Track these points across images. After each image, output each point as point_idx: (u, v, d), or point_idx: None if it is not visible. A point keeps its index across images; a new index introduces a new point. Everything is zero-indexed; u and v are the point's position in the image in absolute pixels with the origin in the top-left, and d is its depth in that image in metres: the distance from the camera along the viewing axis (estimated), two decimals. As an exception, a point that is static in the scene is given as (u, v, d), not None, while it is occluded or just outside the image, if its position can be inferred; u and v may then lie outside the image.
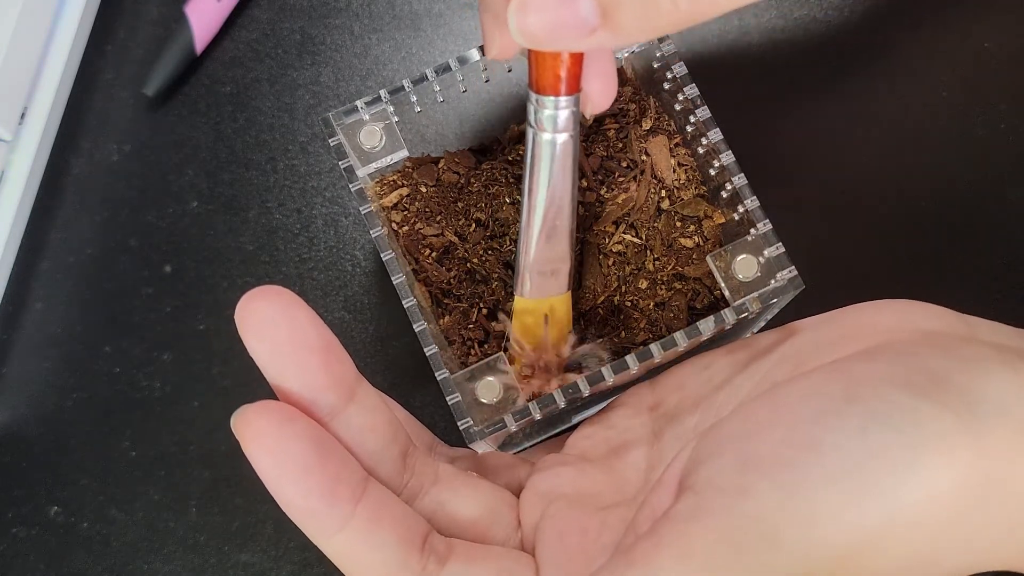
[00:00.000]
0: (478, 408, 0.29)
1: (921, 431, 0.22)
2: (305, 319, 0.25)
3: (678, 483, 0.25)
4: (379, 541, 0.25)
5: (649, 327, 0.31)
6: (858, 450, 0.22)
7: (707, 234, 0.32)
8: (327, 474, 0.24)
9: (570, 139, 0.29)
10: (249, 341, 0.25)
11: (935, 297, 0.39)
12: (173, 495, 0.38)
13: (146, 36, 0.43)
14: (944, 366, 0.23)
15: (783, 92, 0.41)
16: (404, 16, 0.43)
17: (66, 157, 0.41)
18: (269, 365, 0.25)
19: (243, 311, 0.24)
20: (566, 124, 0.28)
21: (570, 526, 0.28)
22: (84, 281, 0.40)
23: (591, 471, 0.30)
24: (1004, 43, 0.41)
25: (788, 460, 0.23)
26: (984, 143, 0.40)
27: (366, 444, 0.26)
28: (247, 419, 0.24)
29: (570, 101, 0.28)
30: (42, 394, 0.39)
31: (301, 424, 0.24)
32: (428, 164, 0.34)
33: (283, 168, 0.41)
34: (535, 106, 0.28)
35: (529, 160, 0.29)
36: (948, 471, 0.22)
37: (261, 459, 0.24)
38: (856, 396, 0.23)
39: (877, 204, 0.40)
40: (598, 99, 0.30)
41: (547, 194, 0.29)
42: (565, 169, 0.29)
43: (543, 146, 0.29)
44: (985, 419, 0.22)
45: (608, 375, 0.29)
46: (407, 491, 0.28)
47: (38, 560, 0.38)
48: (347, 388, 0.26)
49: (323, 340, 0.25)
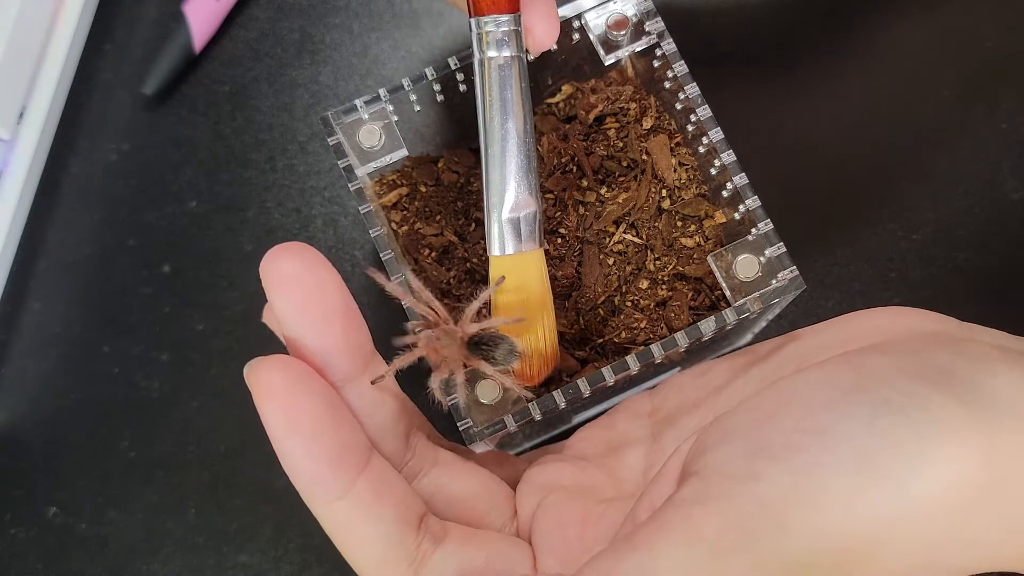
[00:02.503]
0: (478, 408, 0.29)
1: (933, 421, 0.22)
2: (331, 281, 0.25)
3: (680, 472, 0.25)
4: (377, 515, 0.25)
5: (650, 327, 0.31)
6: (869, 438, 0.22)
7: (708, 234, 0.32)
8: (336, 439, 0.24)
9: (518, 59, 0.29)
10: (272, 296, 0.24)
11: (936, 296, 0.39)
12: (172, 496, 0.38)
13: (145, 35, 0.42)
14: (951, 361, 0.23)
15: (784, 92, 0.41)
16: (403, 15, 0.42)
17: (64, 156, 0.41)
18: (291, 321, 0.24)
19: (269, 265, 0.24)
20: (511, 43, 0.29)
21: (568, 515, 0.28)
22: (82, 281, 0.40)
23: (589, 468, 0.30)
24: (1006, 42, 0.41)
25: (799, 446, 0.22)
26: (986, 142, 0.40)
27: (375, 416, 0.26)
28: (262, 371, 0.24)
29: (511, 20, 0.29)
30: (40, 394, 0.39)
31: (316, 383, 0.24)
32: (427, 163, 0.34)
33: (282, 167, 0.41)
34: (478, 31, 0.29)
35: (480, 90, 0.29)
36: (959, 463, 0.22)
37: (271, 415, 0.23)
38: (867, 385, 0.23)
39: (878, 204, 0.40)
40: (541, 36, 0.30)
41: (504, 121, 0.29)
42: (517, 91, 0.29)
43: (493, 69, 0.29)
44: (994, 413, 0.22)
45: (608, 375, 0.29)
46: (407, 469, 0.27)
47: (36, 561, 0.38)
48: (363, 356, 0.25)
49: (346, 304, 0.25)
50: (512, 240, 0.29)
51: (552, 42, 0.30)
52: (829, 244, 0.39)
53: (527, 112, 0.29)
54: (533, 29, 0.29)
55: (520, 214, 0.29)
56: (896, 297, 0.39)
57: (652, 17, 0.32)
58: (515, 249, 0.29)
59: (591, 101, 0.33)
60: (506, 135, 0.29)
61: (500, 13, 0.28)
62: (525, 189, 0.29)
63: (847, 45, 0.41)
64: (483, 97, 0.29)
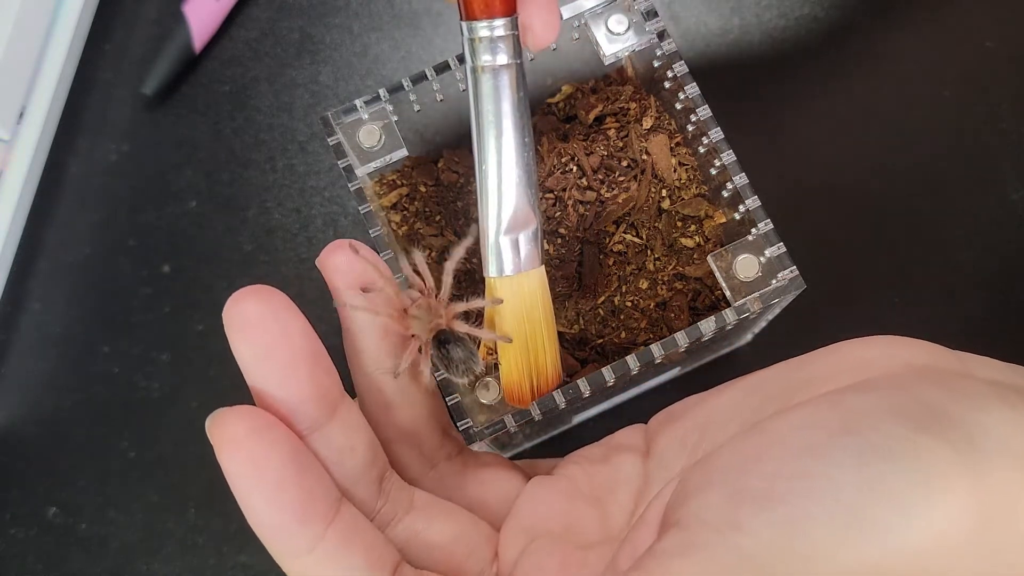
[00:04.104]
0: (478, 408, 0.29)
1: (921, 466, 0.21)
2: (296, 325, 0.24)
3: (660, 520, 0.24)
4: (348, 567, 0.24)
5: (650, 327, 0.31)
6: (855, 484, 0.21)
7: (708, 234, 0.32)
8: (302, 490, 0.23)
9: (514, 67, 0.26)
10: (235, 341, 0.24)
11: (936, 296, 0.39)
12: (171, 496, 0.38)
13: (144, 35, 0.42)
14: (940, 399, 0.22)
15: (784, 91, 0.41)
16: (403, 15, 0.42)
17: (64, 157, 0.41)
18: (253, 369, 0.24)
19: (232, 310, 0.24)
20: (507, 50, 0.26)
21: (550, 562, 0.27)
22: (82, 281, 0.40)
23: (579, 504, 0.29)
24: (1006, 42, 0.41)
25: (782, 494, 0.21)
26: (986, 143, 0.40)
27: (344, 464, 0.25)
28: (223, 422, 0.23)
29: (507, 23, 0.26)
30: (40, 395, 0.39)
31: (279, 433, 0.23)
32: (427, 163, 0.34)
33: (282, 167, 0.41)
34: (470, 36, 0.26)
35: (473, 100, 0.27)
36: (948, 510, 0.21)
37: (233, 466, 0.23)
38: (852, 428, 0.22)
39: (879, 203, 0.40)
40: (541, 32, 0.27)
41: (500, 133, 0.27)
42: (514, 103, 0.27)
43: (486, 78, 0.26)
44: (985, 455, 0.21)
45: (608, 375, 0.28)
46: (380, 517, 0.26)
47: (36, 561, 0.38)
48: (331, 403, 0.25)
49: (312, 349, 0.24)
50: (511, 260, 0.28)
51: (553, 39, 0.28)
52: (829, 244, 0.39)
53: (525, 122, 0.27)
54: (532, 26, 0.27)
55: (519, 233, 0.28)
56: (896, 297, 0.39)
57: (652, 17, 0.32)
58: (514, 270, 0.28)
59: (591, 101, 0.33)
60: (501, 149, 0.27)
61: (493, 17, 0.26)
62: (525, 204, 0.28)
63: (848, 45, 0.41)
64: (476, 108, 0.27)
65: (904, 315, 0.39)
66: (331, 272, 0.26)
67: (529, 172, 0.28)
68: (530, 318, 0.28)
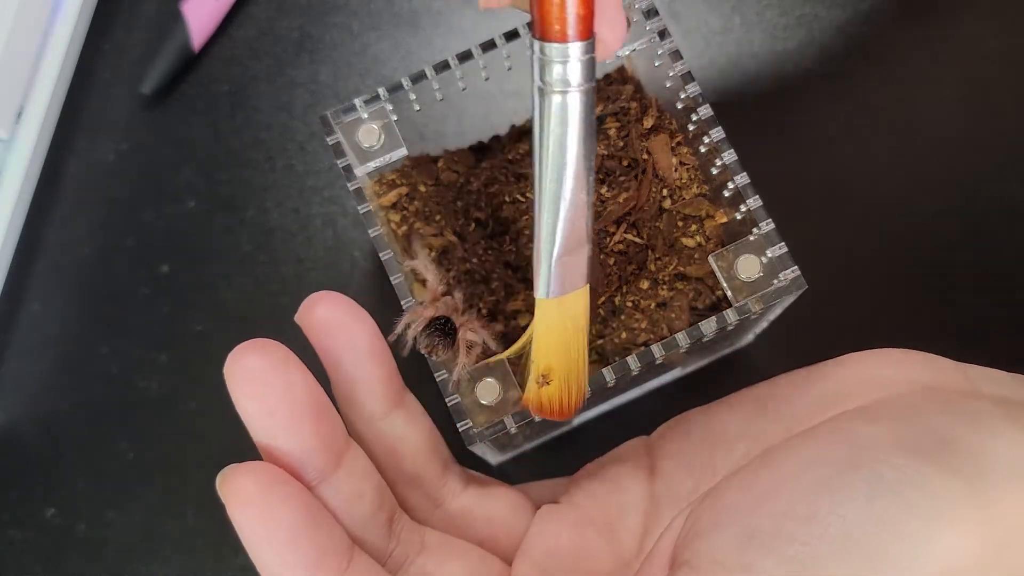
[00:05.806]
0: (478, 409, 0.29)
1: (932, 502, 0.21)
2: (297, 377, 0.24)
3: (670, 557, 0.24)
4: None
5: (650, 327, 0.31)
6: (865, 521, 0.21)
7: (709, 234, 0.32)
8: (315, 544, 0.23)
9: (585, 94, 0.24)
10: (238, 398, 0.24)
11: (937, 296, 0.39)
12: (170, 498, 0.38)
13: (143, 34, 0.42)
14: (949, 425, 0.22)
15: (785, 91, 0.41)
16: (403, 14, 0.42)
17: (62, 156, 0.41)
18: (258, 425, 0.24)
19: (233, 366, 0.24)
20: (580, 76, 0.24)
21: None
22: (81, 281, 0.40)
23: (589, 532, 0.29)
24: (1010, 42, 0.41)
25: (791, 534, 0.22)
26: (990, 143, 0.40)
27: (354, 511, 0.25)
28: (233, 479, 0.23)
29: (583, 48, 0.24)
30: (38, 395, 0.39)
31: (291, 488, 0.23)
32: (427, 163, 0.34)
33: (281, 167, 0.41)
34: (540, 58, 0.24)
35: (538, 122, 0.25)
36: (959, 542, 0.21)
37: (247, 524, 0.23)
38: (860, 462, 0.22)
39: (880, 203, 0.40)
40: (610, 40, 0.25)
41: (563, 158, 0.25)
42: (582, 132, 0.25)
43: (555, 100, 0.24)
44: (995, 483, 0.21)
45: (608, 376, 0.28)
46: (392, 560, 0.26)
47: (34, 563, 0.37)
48: (336, 451, 0.25)
49: (315, 401, 0.24)
50: (560, 283, 0.27)
51: (619, 47, 0.26)
52: (831, 244, 0.39)
53: (592, 146, 0.26)
54: (603, 37, 0.25)
55: (572, 256, 0.27)
56: (898, 297, 0.39)
57: (653, 16, 0.31)
58: (562, 291, 0.27)
59: (591, 100, 0.33)
60: (565, 175, 0.25)
61: (568, 41, 0.23)
62: (583, 229, 0.26)
63: (850, 45, 0.41)
64: (542, 128, 0.25)
65: (905, 315, 0.39)
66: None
67: (589, 195, 0.26)
68: (575, 337, 0.28)
